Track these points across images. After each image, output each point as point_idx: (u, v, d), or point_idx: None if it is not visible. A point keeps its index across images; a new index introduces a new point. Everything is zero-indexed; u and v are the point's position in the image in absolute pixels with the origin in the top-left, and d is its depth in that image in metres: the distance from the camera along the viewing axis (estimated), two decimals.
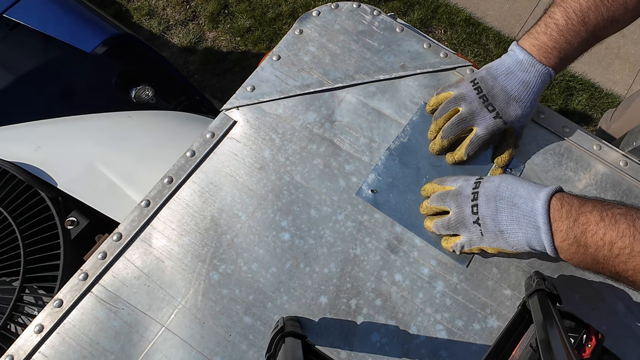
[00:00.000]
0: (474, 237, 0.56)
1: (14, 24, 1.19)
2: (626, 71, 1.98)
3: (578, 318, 0.50)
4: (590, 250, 0.49)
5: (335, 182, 0.66)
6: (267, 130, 0.69)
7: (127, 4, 2.22)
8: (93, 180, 0.88)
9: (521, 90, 0.63)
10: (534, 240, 0.52)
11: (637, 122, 1.07)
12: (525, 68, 0.63)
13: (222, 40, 2.13)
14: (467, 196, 0.57)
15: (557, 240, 0.51)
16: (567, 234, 0.50)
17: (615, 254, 0.48)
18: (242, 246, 0.63)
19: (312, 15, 0.76)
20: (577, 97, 1.94)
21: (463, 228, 0.57)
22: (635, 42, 2.02)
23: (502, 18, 2.10)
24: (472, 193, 0.57)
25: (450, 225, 0.58)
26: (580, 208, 0.50)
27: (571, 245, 0.50)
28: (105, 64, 1.28)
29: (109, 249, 0.63)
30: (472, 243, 0.57)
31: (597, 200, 0.51)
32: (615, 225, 0.48)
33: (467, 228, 0.57)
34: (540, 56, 0.63)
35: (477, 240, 0.56)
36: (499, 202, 0.54)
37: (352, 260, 0.62)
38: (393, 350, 0.58)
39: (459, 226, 0.57)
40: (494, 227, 0.54)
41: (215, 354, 0.58)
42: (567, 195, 0.52)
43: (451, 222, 0.58)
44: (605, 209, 0.50)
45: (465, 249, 0.58)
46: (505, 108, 0.63)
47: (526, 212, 0.52)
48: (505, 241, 0.54)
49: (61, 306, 0.60)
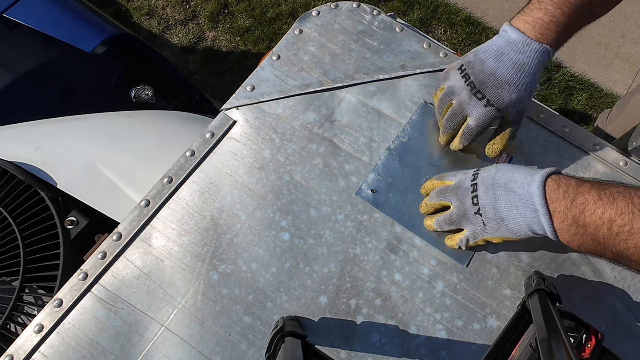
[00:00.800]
0: (477, 229, 0.56)
1: (14, 24, 1.19)
2: (626, 71, 1.98)
3: (578, 318, 0.50)
4: (590, 230, 0.48)
5: (335, 182, 0.66)
6: (267, 130, 0.69)
7: (127, 4, 2.22)
8: (93, 180, 0.88)
9: (514, 73, 0.58)
10: (534, 224, 0.51)
11: (634, 121, 1.07)
12: (518, 49, 0.58)
13: (222, 40, 2.13)
14: (466, 189, 0.57)
15: (557, 222, 0.50)
16: (565, 214, 0.49)
17: (615, 232, 0.47)
18: (242, 246, 0.63)
19: (312, 15, 0.76)
20: (577, 97, 1.94)
21: (466, 221, 0.57)
22: (635, 42, 2.02)
23: (502, 18, 2.10)
24: (471, 185, 0.56)
25: (452, 219, 0.58)
26: (578, 188, 0.50)
27: (570, 226, 0.49)
28: (105, 64, 1.28)
29: (109, 249, 0.63)
30: (476, 235, 0.57)
31: (595, 181, 0.51)
32: (614, 203, 0.47)
33: (470, 220, 0.56)
34: (536, 34, 0.58)
35: (481, 231, 0.56)
36: (497, 189, 0.54)
37: (352, 260, 0.62)
38: (393, 350, 0.58)
39: (462, 219, 0.57)
40: (494, 215, 0.54)
41: (215, 354, 0.58)
42: (564, 177, 0.52)
43: (453, 217, 0.58)
44: (603, 188, 0.49)
45: (470, 242, 0.58)
46: (497, 94, 0.58)
47: (523, 196, 0.52)
48: (508, 228, 0.54)
49: (61, 306, 0.60)
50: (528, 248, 0.62)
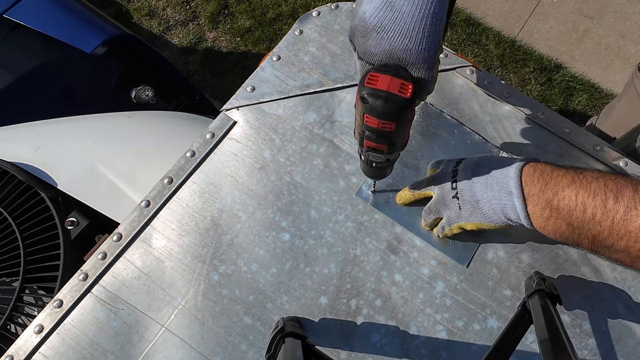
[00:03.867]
0: (452, 214, 0.57)
1: (14, 25, 1.19)
2: (626, 71, 1.98)
3: None
4: (563, 213, 0.48)
5: (335, 182, 0.66)
6: (267, 131, 0.69)
7: (127, 4, 2.22)
8: (93, 181, 0.88)
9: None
10: (508, 207, 0.51)
11: (621, 128, 1.07)
12: None
13: (222, 41, 2.13)
14: (448, 174, 0.58)
15: (530, 205, 0.50)
16: (538, 197, 0.49)
17: (589, 215, 0.46)
18: (242, 246, 0.63)
19: (312, 15, 0.76)
20: (577, 98, 1.94)
21: (443, 206, 0.58)
22: (636, 42, 2.02)
23: (502, 18, 2.10)
24: (452, 171, 0.58)
25: (431, 207, 0.59)
26: (553, 172, 0.50)
27: (544, 209, 0.49)
28: (105, 64, 1.28)
29: (109, 249, 0.63)
30: (450, 221, 0.58)
31: (571, 167, 0.51)
32: (588, 186, 0.47)
33: (447, 205, 0.57)
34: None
35: (455, 216, 0.57)
36: (476, 173, 0.55)
37: (352, 261, 0.62)
38: (393, 351, 0.58)
39: (439, 205, 0.58)
40: (470, 197, 0.54)
41: (215, 355, 0.58)
42: (542, 163, 0.52)
43: (432, 204, 0.59)
44: (577, 172, 0.49)
45: (446, 229, 0.59)
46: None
47: (499, 179, 0.52)
48: (482, 212, 0.54)
49: (61, 306, 0.60)
50: (528, 248, 0.62)
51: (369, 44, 0.44)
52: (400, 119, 0.45)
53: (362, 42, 0.44)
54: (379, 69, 0.44)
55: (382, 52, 0.44)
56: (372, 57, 0.44)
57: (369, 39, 0.43)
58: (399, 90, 0.43)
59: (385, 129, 0.45)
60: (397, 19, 0.42)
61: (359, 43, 0.45)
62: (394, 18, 0.42)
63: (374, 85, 0.43)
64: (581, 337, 0.58)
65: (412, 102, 0.44)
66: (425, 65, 0.43)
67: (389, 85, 0.43)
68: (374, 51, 0.44)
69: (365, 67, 0.46)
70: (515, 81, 1.99)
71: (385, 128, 0.45)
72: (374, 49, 0.44)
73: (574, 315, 0.59)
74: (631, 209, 0.44)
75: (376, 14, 0.42)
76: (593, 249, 0.49)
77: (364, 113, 0.45)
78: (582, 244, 0.49)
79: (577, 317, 0.59)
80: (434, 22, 0.42)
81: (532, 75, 1.97)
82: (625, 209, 0.44)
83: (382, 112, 0.44)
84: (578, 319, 0.59)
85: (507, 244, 0.62)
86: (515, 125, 0.69)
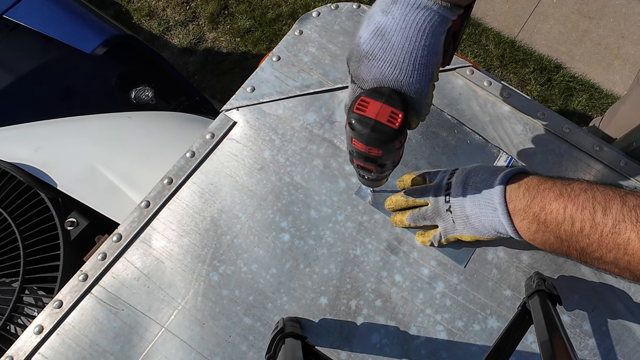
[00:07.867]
0: (448, 226, 0.57)
1: (14, 25, 1.19)
2: (626, 71, 1.98)
3: None
4: (551, 227, 0.48)
5: (335, 182, 0.66)
6: (267, 131, 0.69)
7: (127, 4, 2.22)
8: (93, 181, 0.88)
9: None
10: (496, 223, 0.51)
11: (626, 131, 1.07)
12: None
13: (222, 41, 2.13)
14: (442, 187, 0.58)
15: (517, 220, 0.50)
16: (525, 212, 0.49)
17: (577, 228, 0.46)
18: (242, 247, 0.63)
19: (312, 16, 0.76)
20: (577, 98, 1.94)
21: (439, 217, 0.58)
22: (635, 42, 2.02)
23: (502, 18, 2.10)
24: (446, 183, 0.58)
25: (427, 215, 0.59)
26: (540, 186, 0.49)
27: (531, 223, 0.49)
28: (105, 64, 1.28)
29: (108, 250, 0.63)
30: (446, 232, 0.58)
31: (559, 178, 0.50)
32: (576, 199, 0.46)
33: (442, 217, 0.57)
34: None
35: (451, 228, 0.57)
36: (466, 188, 0.55)
37: (352, 261, 0.62)
38: (393, 351, 0.58)
39: (435, 216, 0.58)
40: (460, 213, 0.55)
41: (215, 355, 0.58)
42: (527, 175, 0.52)
43: (428, 212, 0.58)
44: (565, 184, 0.48)
45: (442, 240, 0.59)
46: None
47: (485, 195, 0.52)
48: (472, 227, 0.54)
49: (61, 307, 0.60)
50: (528, 248, 0.62)
51: (361, 70, 0.44)
52: (387, 148, 0.44)
53: (355, 66, 0.44)
54: (371, 94, 0.43)
55: (373, 79, 0.43)
56: (364, 82, 0.44)
57: (362, 64, 0.43)
58: (387, 119, 0.42)
59: (372, 154, 0.45)
60: (387, 50, 0.42)
61: (353, 67, 0.44)
62: (384, 48, 0.42)
63: (362, 112, 0.42)
64: (581, 338, 0.58)
65: (400, 133, 0.43)
66: (417, 95, 0.43)
67: (378, 113, 0.42)
68: (365, 77, 0.44)
69: (357, 91, 0.45)
70: (515, 81, 1.99)
71: (372, 153, 0.45)
72: (366, 75, 0.43)
73: (574, 316, 0.59)
74: (619, 222, 0.44)
75: (369, 41, 0.42)
76: (582, 260, 0.49)
77: (352, 137, 0.45)
78: (571, 255, 0.49)
79: (577, 317, 0.59)
80: (426, 55, 0.41)
81: (532, 76, 1.97)
82: (614, 222, 0.44)
83: (368, 141, 0.43)
84: (578, 320, 0.59)
85: (507, 244, 0.62)
86: (515, 125, 0.69)
